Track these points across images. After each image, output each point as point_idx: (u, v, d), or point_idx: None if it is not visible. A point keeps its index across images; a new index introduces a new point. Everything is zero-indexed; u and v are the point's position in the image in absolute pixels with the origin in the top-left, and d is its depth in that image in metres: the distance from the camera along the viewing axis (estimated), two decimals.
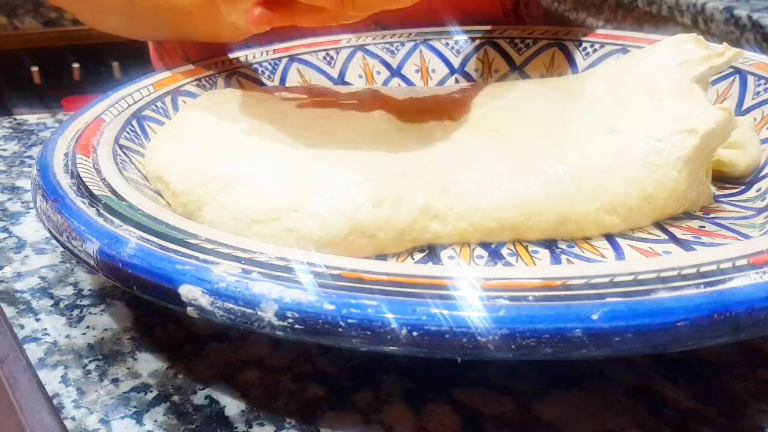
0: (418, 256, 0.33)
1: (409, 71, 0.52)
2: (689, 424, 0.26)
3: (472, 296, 0.22)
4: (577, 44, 0.51)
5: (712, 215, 0.36)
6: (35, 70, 1.80)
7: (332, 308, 0.22)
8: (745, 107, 0.42)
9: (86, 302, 0.34)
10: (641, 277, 0.23)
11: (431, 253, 0.34)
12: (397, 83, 0.52)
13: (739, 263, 0.24)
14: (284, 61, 0.51)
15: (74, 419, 0.27)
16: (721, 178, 0.39)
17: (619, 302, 0.22)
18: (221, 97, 0.43)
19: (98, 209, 0.29)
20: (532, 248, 0.34)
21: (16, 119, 0.60)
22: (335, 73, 0.51)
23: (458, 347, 0.22)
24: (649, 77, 0.38)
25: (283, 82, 0.50)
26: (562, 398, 0.27)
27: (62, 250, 0.38)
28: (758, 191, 0.37)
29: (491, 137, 0.36)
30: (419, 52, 0.53)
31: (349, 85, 0.51)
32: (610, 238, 0.34)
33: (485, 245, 0.34)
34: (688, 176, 0.34)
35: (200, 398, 0.28)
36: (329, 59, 0.52)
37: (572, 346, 0.22)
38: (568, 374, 0.28)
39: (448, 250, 0.34)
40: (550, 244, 0.34)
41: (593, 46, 0.51)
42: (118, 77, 1.79)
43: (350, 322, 0.22)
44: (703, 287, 0.22)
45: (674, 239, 0.33)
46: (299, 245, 0.31)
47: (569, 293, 0.22)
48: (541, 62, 0.52)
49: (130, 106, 0.42)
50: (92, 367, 0.30)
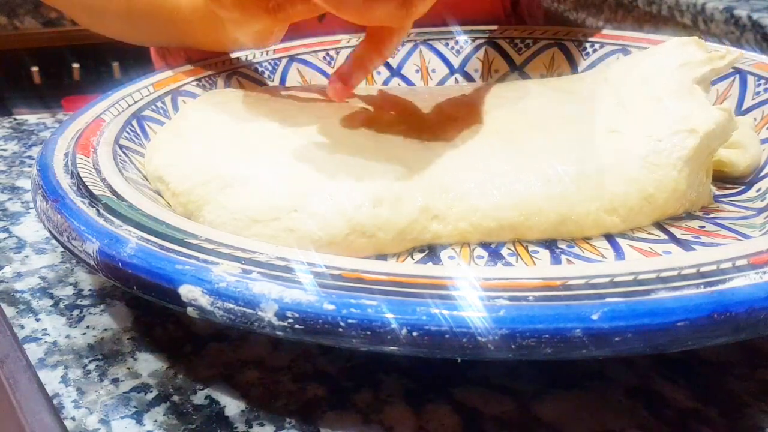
0: (418, 256, 0.33)
1: (409, 71, 0.52)
2: (689, 424, 0.26)
3: (472, 296, 0.22)
4: (577, 44, 0.51)
5: (712, 215, 0.36)
6: (35, 70, 1.80)
7: (332, 308, 0.22)
8: (745, 107, 0.42)
9: (86, 302, 0.34)
10: (641, 277, 0.23)
11: (431, 253, 0.34)
12: (397, 83, 0.52)
13: (739, 263, 0.24)
14: (284, 61, 0.51)
15: (74, 419, 0.27)
16: (721, 178, 0.39)
17: (619, 302, 0.22)
18: (221, 97, 0.43)
19: (98, 209, 0.29)
20: (532, 248, 0.34)
21: (16, 119, 0.60)
22: None
23: (458, 347, 0.22)
24: (649, 78, 0.38)
25: (283, 82, 0.50)
26: (562, 398, 0.27)
27: (62, 250, 0.38)
28: (758, 191, 0.37)
29: (491, 137, 0.36)
30: (419, 52, 0.53)
31: None
32: (610, 238, 0.34)
33: (485, 245, 0.34)
34: (688, 176, 0.34)
35: (200, 398, 0.28)
36: (329, 59, 0.52)
37: (572, 346, 0.22)
38: (568, 374, 0.28)
39: (448, 250, 0.34)
40: (550, 244, 0.34)
41: (593, 46, 0.51)
42: (118, 77, 1.79)
43: (350, 322, 0.22)
44: (703, 287, 0.22)
45: (674, 239, 0.33)
46: (299, 245, 0.31)
47: (569, 293, 0.22)
48: (541, 62, 0.52)
49: (130, 106, 0.42)
50: (92, 367, 0.30)
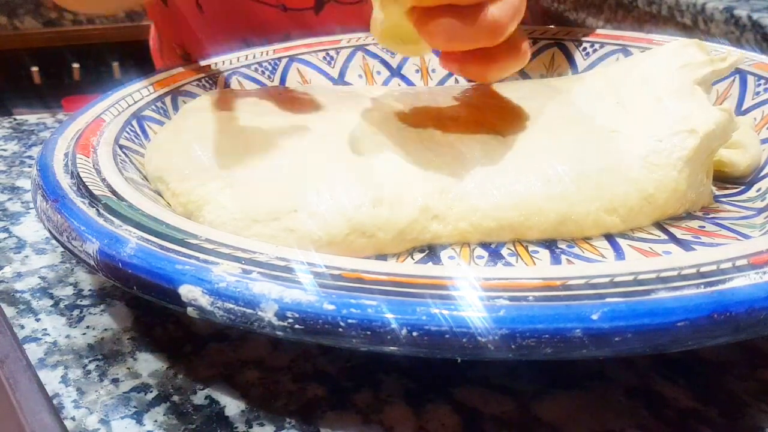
0: (418, 256, 0.33)
1: (409, 71, 0.52)
2: (689, 424, 0.26)
3: (472, 296, 0.22)
4: (577, 44, 0.51)
5: (712, 215, 0.36)
6: (35, 70, 1.80)
7: (332, 308, 0.22)
8: (745, 107, 0.42)
9: (86, 302, 0.34)
10: (641, 277, 0.23)
11: (431, 253, 0.34)
12: (397, 83, 0.52)
13: (739, 263, 0.24)
14: (284, 61, 0.51)
15: (74, 419, 0.27)
16: (721, 178, 0.39)
17: (619, 302, 0.22)
18: (221, 97, 0.43)
19: (98, 209, 0.29)
20: (532, 248, 0.34)
21: (16, 119, 0.60)
22: (335, 73, 0.51)
23: (458, 347, 0.22)
24: (650, 78, 0.38)
25: (283, 82, 0.50)
26: (562, 398, 0.27)
27: (62, 250, 0.38)
28: (758, 191, 0.37)
29: (491, 137, 0.36)
30: None
31: (349, 84, 0.51)
32: (610, 238, 0.34)
33: (485, 245, 0.34)
34: (688, 176, 0.34)
35: (200, 398, 0.28)
36: (329, 59, 0.52)
37: (572, 346, 0.22)
38: (568, 374, 0.28)
39: (448, 250, 0.34)
40: (550, 244, 0.34)
41: (593, 46, 0.50)
42: (118, 77, 1.79)
43: (350, 322, 0.22)
44: (703, 287, 0.22)
45: (674, 239, 0.33)
46: (299, 245, 0.31)
47: (569, 293, 0.22)
48: (541, 62, 0.52)
49: (130, 106, 0.42)
50: (92, 367, 0.30)
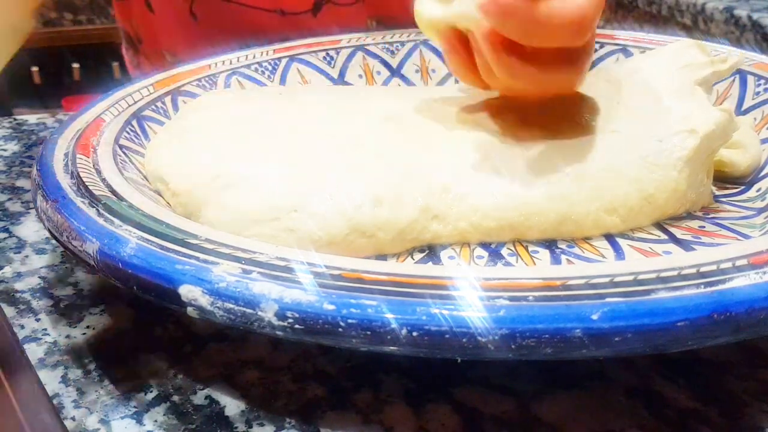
0: (418, 256, 0.33)
1: (409, 71, 0.52)
2: (689, 424, 0.26)
3: (472, 296, 0.22)
4: None
5: (712, 215, 0.36)
6: (35, 70, 1.79)
7: (332, 308, 0.22)
8: (745, 107, 0.42)
9: (86, 302, 0.34)
10: (641, 277, 0.23)
11: (431, 253, 0.34)
12: (397, 83, 0.52)
13: (739, 263, 0.24)
14: (284, 61, 0.51)
15: (74, 419, 0.27)
16: (721, 178, 0.39)
17: (619, 302, 0.22)
18: (221, 97, 0.43)
19: (98, 209, 0.29)
20: (532, 248, 0.34)
21: (16, 119, 0.60)
22: (335, 73, 0.51)
23: (458, 347, 0.22)
24: (650, 79, 0.38)
25: (283, 82, 0.50)
26: (562, 398, 0.27)
27: (62, 250, 0.38)
28: (758, 191, 0.37)
29: (491, 137, 0.36)
30: (419, 52, 0.53)
31: (349, 84, 0.51)
32: (610, 238, 0.34)
33: (485, 245, 0.34)
34: (688, 177, 0.34)
35: (200, 398, 0.28)
36: (329, 59, 0.52)
37: (572, 346, 0.22)
38: (568, 374, 0.28)
39: (448, 250, 0.34)
40: (550, 244, 0.34)
41: None
42: (118, 77, 1.79)
43: (350, 322, 0.22)
44: (703, 287, 0.22)
45: (674, 239, 0.33)
46: (299, 245, 0.31)
47: (569, 293, 0.22)
48: None
49: (130, 106, 0.42)
50: (92, 367, 0.30)
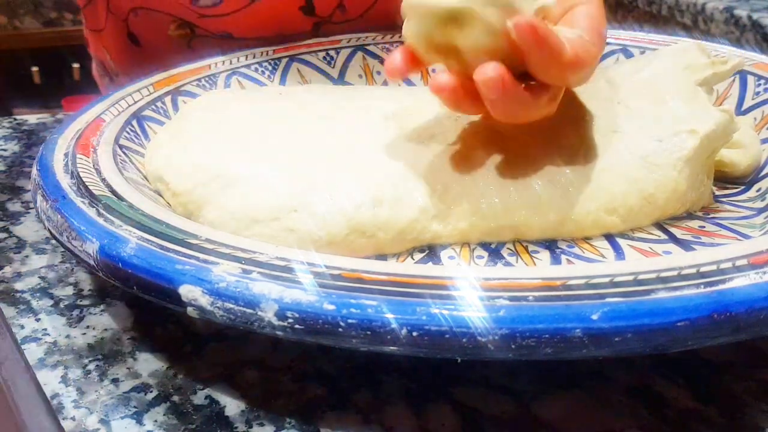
0: (418, 256, 0.33)
1: None
2: (689, 424, 0.26)
3: (472, 296, 0.22)
4: None
5: (712, 215, 0.36)
6: (35, 70, 1.80)
7: (332, 308, 0.22)
8: (745, 107, 0.42)
9: (86, 302, 0.34)
10: (641, 277, 0.23)
11: (431, 253, 0.34)
12: (397, 83, 0.52)
13: (739, 263, 0.24)
14: (284, 61, 0.51)
15: (74, 419, 0.27)
16: (721, 178, 0.39)
17: (619, 302, 0.22)
18: (221, 97, 0.43)
19: (98, 209, 0.29)
20: (532, 248, 0.34)
21: (16, 119, 0.60)
22: (335, 73, 0.51)
23: (458, 347, 0.22)
24: (651, 79, 0.38)
25: (283, 82, 0.50)
26: (562, 398, 0.27)
27: (62, 250, 0.38)
28: (758, 191, 0.37)
29: (492, 137, 0.36)
30: None
31: (349, 84, 0.51)
32: (610, 238, 0.34)
33: (485, 245, 0.34)
34: (688, 177, 0.34)
35: (200, 398, 0.28)
36: (329, 59, 0.52)
37: (572, 346, 0.22)
38: (568, 374, 0.28)
39: (448, 250, 0.34)
40: (550, 244, 0.34)
41: None
42: None
43: (350, 322, 0.22)
44: (703, 287, 0.22)
45: (674, 239, 0.33)
46: (299, 245, 0.31)
47: (569, 293, 0.22)
48: None
49: (130, 106, 0.42)
50: (92, 367, 0.30)
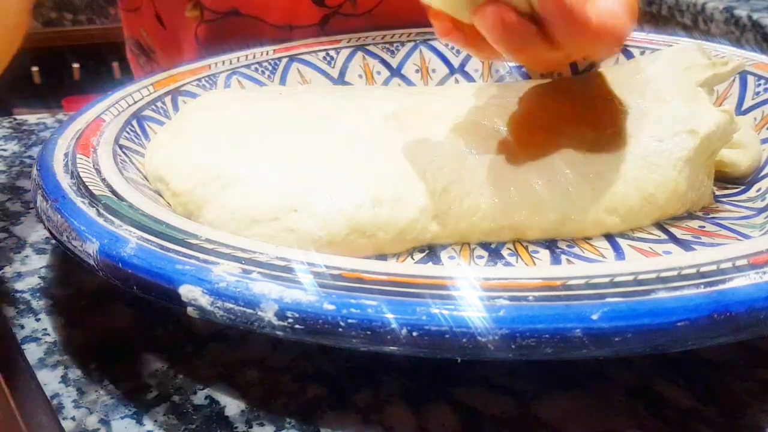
0: (418, 256, 0.33)
1: (409, 71, 0.52)
2: (689, 424, 0.26)
3: (472, 296, 0.22)
4: None
5: (712, 215, 0.36)
6: (35, 70, 1.79)
7: (332, 308, 0.22)
8: (745, 107, 0.42)
9: (86, 302, 0.34)
10: (641, 277, 0.23)
11: (431, 253, 0.34)
12: (397, 83, 0.52)
13: (739, 263, 0.24)
14: (284, 61, 0.51)
15: (74, 419, 0.27)
16: (721, 178, 0.39)
17: (619, 302, 0.22)
18: (221, 97, 0.43)
19: (98, 209, 0.29)
20: (532, 248, 0.34)
21: (16, 119, 0.60)
22: (335, 73, 0.51)
23: (458, 347, 0.22)
24: (652, 79, 0.38)
25: (283, 82, 0.50)
26: (562, 398, 0.27)
27: (62, 250, 0.38)
28: (758, 191, 0.37)
29: (491, 137, 0.36)
30: (419, 52, 0.53)
31: (349, 84, 0.51)
32: (610, 238, 0.34)
33: (485, 245, 0.34)
34: (688, 177, 0.34)
35: (200, 398, 0.28)
36: (329, 59, 0.52)
37: (572, 346, 0.22)
38: (568, 374, 0.28)
39: (448, 250, 0.34)
40: (550, 244, 0.34)
41: None
42: (118, 77, 1.79)
43: (350, 322, 0.22)
44: (703, 287, 0.22)
45: (674, 239, 0.33)
46: (299, 245, 0.31)
47: (569, 293, 0.22)
48: None
49: (130, 106, 0.42)
50: (92, 367, 0.30)
